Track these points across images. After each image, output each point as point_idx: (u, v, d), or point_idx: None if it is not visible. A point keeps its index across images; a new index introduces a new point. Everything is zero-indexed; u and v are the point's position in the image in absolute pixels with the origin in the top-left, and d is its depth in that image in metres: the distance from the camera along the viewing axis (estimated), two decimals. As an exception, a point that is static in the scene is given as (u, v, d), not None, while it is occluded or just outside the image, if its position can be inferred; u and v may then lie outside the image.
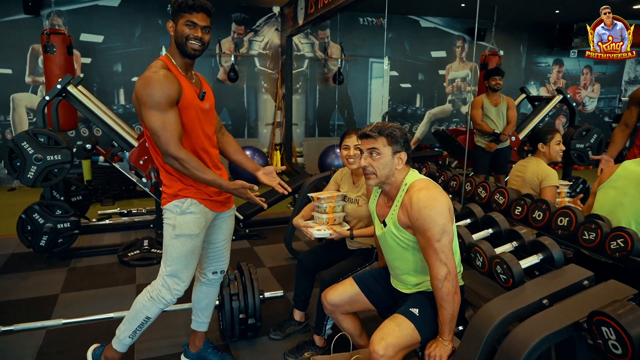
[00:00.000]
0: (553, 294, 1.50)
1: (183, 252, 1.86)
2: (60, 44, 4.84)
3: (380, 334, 1.61)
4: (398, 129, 1.68)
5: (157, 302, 1.91)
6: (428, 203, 1.57)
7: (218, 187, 1.78)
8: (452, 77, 8.02)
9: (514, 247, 1.83)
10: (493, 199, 2.50)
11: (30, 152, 3.21)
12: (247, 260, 2.71)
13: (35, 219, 3.37)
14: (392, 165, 1.66)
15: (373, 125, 1.68)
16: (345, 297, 1.95)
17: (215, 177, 1.77)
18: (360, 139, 1.72)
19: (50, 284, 3.17)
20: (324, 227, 2.34)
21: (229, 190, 1.79)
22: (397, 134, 1.66)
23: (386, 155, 1.65)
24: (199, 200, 1.86)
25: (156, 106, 1.67)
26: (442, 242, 1.57)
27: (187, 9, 1.72)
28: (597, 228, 1.86)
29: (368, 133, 1.66)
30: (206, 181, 1.76)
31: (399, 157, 1.67)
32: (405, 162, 1.69)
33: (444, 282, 1.57)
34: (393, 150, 1.65)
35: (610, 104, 8.95)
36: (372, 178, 1.68)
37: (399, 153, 1.67)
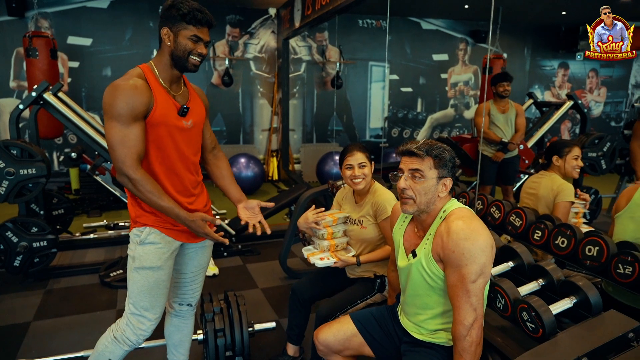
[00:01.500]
0: (592, 351, 1.25)
1: (145, 287, 1.64)
2: (43, 47, 4.59)
3: None
4: (447, 150, 1.44)
5: (120, 344, 1.69)
6: (470, 235, 1.33)
7: (175, 217, 1.56)
8: (454, 81, 7.78)
9: (541, 287, 1.58)
10: (508, 220, 2.25)
11: (1, 166, 2.96)
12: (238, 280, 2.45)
13: (8, 237, 3.11)
14: (435, 191, 1.43)
15: (420, 143, 1.44)
16: (340, 337, 1.70)
17: (172, 205, 1.55)
18: (401, 156, 1.48)
19: (23, 309, 2.91)
20: (326, 254, 2.09)
21: (185, 222, 1.57)
22: (446, 156, 1.43)
23: (430, 180, 1.42)
24: (159, 229, 1.63)
25: (117, 117, 1.47)
26: (477, 283, 1.32)
27: (194, 22, 1.53)
28: (635, 261, 1.62)
29: (414, 151, 1.42)
30: (161, 208, 1.54)
31: (443, 183, 1.44)
32: (449, 190, 1.45)
33: (469, 330, 1.33)
34: (439, 174, 1.42)
35: (617, 109, 8.71)
36: (410, 204, 1.44)
37: (445, 179, 1.43)
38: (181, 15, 1.51)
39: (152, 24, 6.21)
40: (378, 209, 2.05)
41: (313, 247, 2.15)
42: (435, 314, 1.49)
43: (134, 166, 1.49)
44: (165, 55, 1.57)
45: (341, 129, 7.38)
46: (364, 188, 2.10)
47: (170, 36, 1.54)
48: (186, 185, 1.68)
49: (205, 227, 1.59)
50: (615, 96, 8.59)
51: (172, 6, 1.52)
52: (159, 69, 1.58)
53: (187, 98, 1.66)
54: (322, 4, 4.44)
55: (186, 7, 1.50)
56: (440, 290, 1.45)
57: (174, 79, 1.61)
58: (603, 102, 8.57)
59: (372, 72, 7.37)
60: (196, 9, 1.52)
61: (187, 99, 1.66)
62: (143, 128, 1.52)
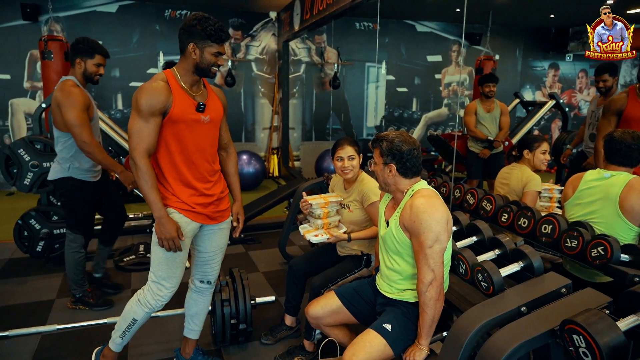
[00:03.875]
0: (531, 301, 1.54)
1: (163, 259, 1.91)
2: (58, 50, 4.88)
3: (351, 350, 1.68)
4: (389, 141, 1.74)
5: (142, 306, 1.97)
6: (427, 209, 1.64)
7: (155, 210, 1.81)
8: (448, 81, 8.08)
9: (497, 255, 1.87)
10: (481, 205, 2.54)
11: (26, 159, 3.26)
12: (241, 265, 2.75)
13: (31, 224, 3.41)
14: (384, 174, 1.76)
15: (374, 138, 1.81)
16: (327, 310, 2.01)
17: (156, 200, 1.80)
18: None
19: (46, 289, 3.21)
20: (320, 231, 2.38)
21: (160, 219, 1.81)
22: (384, 146, 1.74)
23: (379, 165, 1.77)
24: (178, 210, 1.90)
25: (139, 112, 1.77)
26: (433, 248, 1.62)
27: (219, 41, 1.80)
28: (579, 236, 1.90)
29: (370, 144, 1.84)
30: (146, 197, 1.80)
31: (388, 167, 1.75)
32: (400, 173, 1.74)
33: (428, 286, 1.63)
34: (383, 161, 1.75)
35: (606, 108, 8.97)
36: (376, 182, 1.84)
37: (388, 165, 1.74)
38: (207, 35, 1.77)
39: (158, 27, 6.51)
40: (364, 196, 2.35)
41: (308, 225, 2.44)
42: (405, 277, 1.79)
43: (141, 154, 1.77)
44: (188, 64, 1.83)
45: (339, 128, 7.67)
46: (352, 177, 2.40)
47: (196, 51, 1.80)
48: (203, 173, 1.95)
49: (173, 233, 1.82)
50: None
51: (197, 23, 1.77)
52: (181, 73, 1.85)
53: (205, 97, 1.93)
54: (319, 9, 4.73)
55: (211, 27, 1.76)
56: (407, 256, 1.75)
57: (194, 82, 1.88)
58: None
59: (369, 72, 7.67)
60: (220, 29, 1.79)
61: (205, 98, 1.93)
62: (158, 125, 1.79)
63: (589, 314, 1.27)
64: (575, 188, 2.23)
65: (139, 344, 2.51)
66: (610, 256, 1.77)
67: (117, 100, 6.52)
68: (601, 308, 1.39)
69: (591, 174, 2.22)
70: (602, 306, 1.41)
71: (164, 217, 1.81)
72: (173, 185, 1.89)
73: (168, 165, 1.88)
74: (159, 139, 1.84)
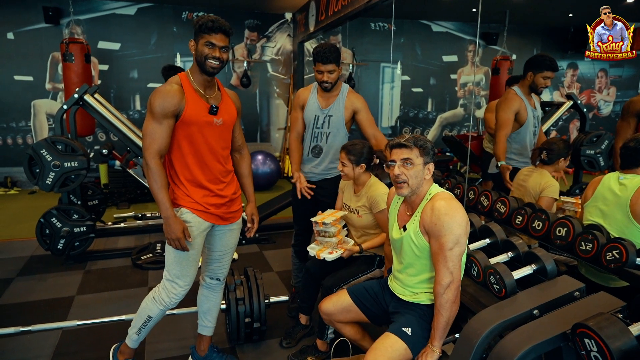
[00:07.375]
0: (544, 304, 1.54)
1: (177, 258, 1.97)
2: (78, 52, 5.01)
3: (372, 355, 1.69)
4: (429, 142, 1.77)
5: (157, 304, 2.03)
6: (449, 211, 1.65)
7: (162, 210, 1.85)
8: (463, 82, 8.02)
9: (509, 258, 1.87)
10: (495, 207, 2.54)
11: (48, 159, 3.35)
12: (255, 265, 2.79)
13: (53, 223, 3.51)
14: (422, 175, 1.74)
15: (408, 136, 1.75)
16: (338, 306, 2.04)
17: (164, 200, 1.83)
18: (393, 149, 1.78)
19: (67, 285, 3.30)
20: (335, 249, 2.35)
21: (167, 219, 1.85)
22: (428, 146, 1.75)
23: (418, 165, 1.73)
24: (191, 210, 1.95)
25: (153, 114, 1.82)
26: (453, 251, 1.63)
27: (207, 30, 1.83)
28: (594, 239, 1.89)
29: (403, 143, 1.73)
30: (155, 196, 1.84)
31: (428, 168, 1.75)
32: (432, 174, 1.77)
33: (446, 289, 1.64)
34: (424, 161, 1.74)
35: (627, 108, 8.80)
36: (404, 187, 1.74)
37: (429, 164, 1.75)
38: (198, 27, 1.84)
39: (175, 29, 6.61)
40: (373, 203, 2.36)
41: (316, 245, 2.41)
42: (420, 280, 1.80)
43: (152, 155, 1.82)
44: (195, 64, 1.89)
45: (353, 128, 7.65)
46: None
47: (194, 47, 1.88)
48: (216, 174, 1.99)
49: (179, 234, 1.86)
50: (624, 95, 8.69)
51: (196, 22, 1.85)
52: (193, 76, 1.91)
53: (219, 100, 1.97)
54: (334, 10, 4.75)
55: (202, 20, 1.83)
56: (425, 259, 1.76)
57: (207, 84, 1.92)
58: (612, 102, 8.69)
59: (384, 73, 7.65)
60: (210, 19, 1.83)
61: (219, 101, 1.97)
62: (171, 127, 1.84)
63: (601, 318, 1.27)
64: (594, 190, 2.21)
65: (155, 340, 2.57)
66: (625, 260, 1.75)
67: (135, 101, 6.64)
68: (614, 312, 1.38)
69: (610, 176, 2.20)
70: (615, 310, 1.40)
71: (170, 217, 1.85)
72: (187, 185, 1.94)
73: (181, 166, 1.93)
74: (173, 140, 1.89)
